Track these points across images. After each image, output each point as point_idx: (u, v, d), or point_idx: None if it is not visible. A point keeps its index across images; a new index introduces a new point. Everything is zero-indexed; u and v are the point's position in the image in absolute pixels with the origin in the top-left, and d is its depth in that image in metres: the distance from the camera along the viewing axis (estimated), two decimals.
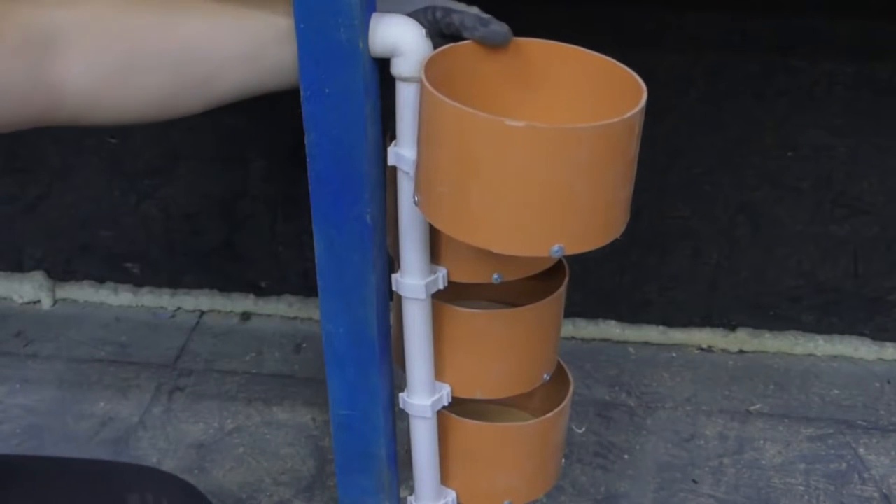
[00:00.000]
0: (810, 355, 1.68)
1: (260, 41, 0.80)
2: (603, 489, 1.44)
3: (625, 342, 1.72)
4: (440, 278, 0.93)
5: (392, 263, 0.96)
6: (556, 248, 0.74)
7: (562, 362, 1.08)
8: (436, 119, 0.75)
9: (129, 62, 0.74)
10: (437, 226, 0.77)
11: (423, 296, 0.92)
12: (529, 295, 1.00)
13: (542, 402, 1.08)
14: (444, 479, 1.04)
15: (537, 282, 1.01)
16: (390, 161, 0.88)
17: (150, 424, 1.56)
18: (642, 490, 1.43)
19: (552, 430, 1.05)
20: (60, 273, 1.82)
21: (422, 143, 0.79)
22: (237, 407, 1.60)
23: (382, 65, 0.83)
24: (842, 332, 1.68)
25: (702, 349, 1.71)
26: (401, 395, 0.98)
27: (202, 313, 1.81)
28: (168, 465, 1.48)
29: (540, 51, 0.84)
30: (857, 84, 1.48)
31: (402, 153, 0.86)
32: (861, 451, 1.50)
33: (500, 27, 0.78)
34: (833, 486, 1.43)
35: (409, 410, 0.98)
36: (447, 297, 0.96)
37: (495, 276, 0.95)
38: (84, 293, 1.83)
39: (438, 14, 0.80)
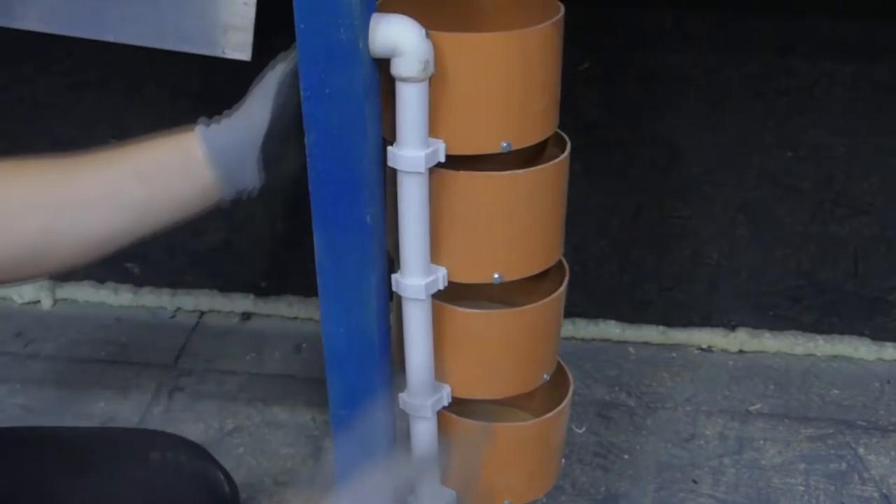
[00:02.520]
0: (810, 355, 1.68)
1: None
2: (603, 489, 1.44)
3: (625, 342, 1.72)
4: (440, 278, 0.94)
5: (392, 263, 0.96)
6: (505, 143, 0.88)
7: (562, 362, 1.08)
8: None
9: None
10: None
11: (423, 296, 0.92)
12: (529, 295, 1.00)
13: (542, 402, 1.08)
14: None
15: (537, 282, 1.01)
16: (390, 161, 0.88)
17: (151, 424, 1.56)
18: (642, 490, 1.43)
19: (552, 430, 1.05)
20: (60, 273, 1.82)
21: None
22: (237, 407, 1.60)
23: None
24: (842, 332, 1.68)
25: (702, 349, 1.71)
26: (401, 395, 0.98)
27: (202, 313, 1.81)
28: None
29: None
30: (857, 84, 1.48)
31: (402, 153, 0.86)
32: (861, 451, 1.50)
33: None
34: (833, 486, 1.43)
35: (409, 410, 0.98)
36: (447, 297, 0.96)
37: (495, 275, 0.95)
38: (84, 293, 1.83)
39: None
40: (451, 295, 0.96)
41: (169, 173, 0.84)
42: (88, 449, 0.96)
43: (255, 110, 0.87)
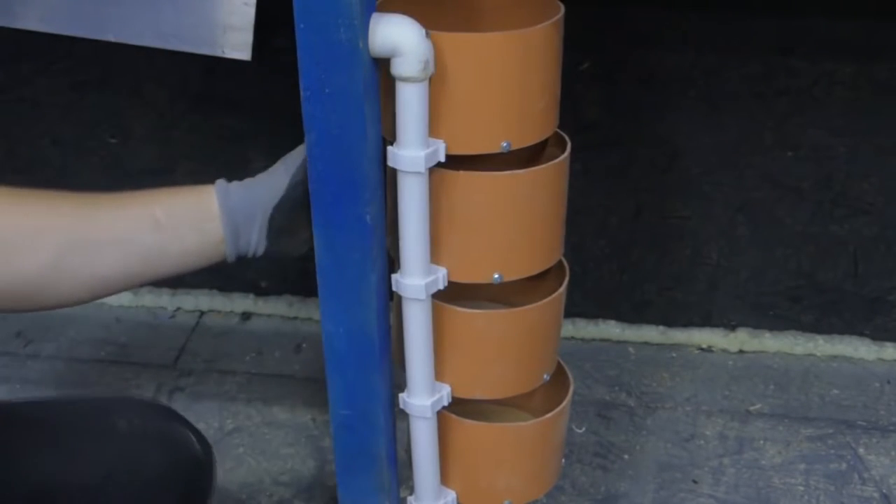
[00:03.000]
0: (810, 355, 1.68)
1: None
2: (603, 489, 1.44)
3: (625, 342, 1.72)
4: (440, 278, 0.93)
5: (392, 263, 0.96)
6: (505, 143, 0.89)
7: (562, 362, 1.08)
8: None
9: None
10: None
11: (423, 296, 0.92)
12: (529, 295, 1.00)
13: (542, 402, 1.08)
14: (444, 479, 1.04)
15: (537, 282, 1.01)
16: (390, 161, 0.88)
17: None
18: (642, 490, 1.43)
19: (552, 430, 1.05)
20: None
21: None
22: (237, 407, 1.60)
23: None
24: (842, 332, 1.68)
25: (702, 349, 1.71)
26: (401, 395, 0.98)
27: (202, 313, 1.81)
28: None
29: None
30: (857, 84, 1.48)
31: (402, 153, 0.86)
32: (861, 451, 1.50)
33: None
34: (833, 486, 1.43)
35: (409, 410, 0.98)
36: (447, 297, 0.96)
37: (495, 275, 0.95)
38: None
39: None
40: (451, 295, 0.96)
41: (182, 224, 0.85)
42: (52, 421, 0.96)
43: (275, 178, 0.90)
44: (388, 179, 0.91)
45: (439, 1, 0.94)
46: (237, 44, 0.92)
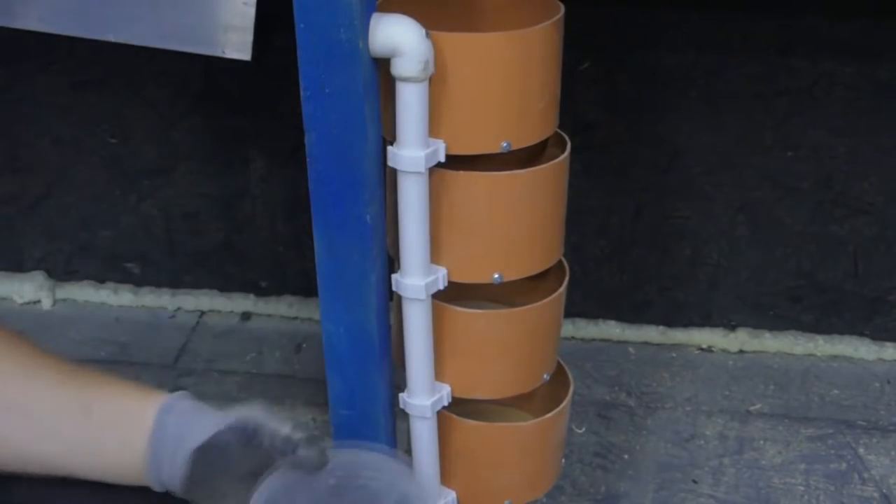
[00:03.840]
0: (810, 355, 1.68)
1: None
2: (603, 489, 1.44)
3: (625, 342, 1.72)
4: (440, 278, 0.93)
5: (392, 263, 0.97)
6: (505, 143, 0.89)
7: (562, 362, 1.08)
8: None
9: None
10: None
11: (423, 296, 0.92)
12: (529, 295, 1.00)
13: (542, 402, 1.08)
14: (445, 479, 1.04)
15: (537, 282, 1.01)
16: (390, 161, 0.88)
17: None
18: (642, 490, 1.43)
19: (552, 430, 1.05)
20: (60, 273, 1.82)
21: None
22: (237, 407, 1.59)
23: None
24: (842, 332, 1.68)
25: (702, 349, 1.71)
26: (401, 395, 0.98)
27: (202, 313, 1.81)
28: None
29: None
30: (857, 84, 1.48)
31: (402, 153, 0.86)
32: (861, 451, 1.50)
33: (310, 452, 0.79)
34: (833, 486, 1.43)
35: (409, 410, 0.98)
36: (447, 297, 0.96)
37: (495, 275, 0.95)
38: (84, 293, 1.83)
39: (249, 432, 0.78)
40: (451, 295, 0.96)
41: (110, 422, 0.76)
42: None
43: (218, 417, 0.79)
44: (388, 179, 0.91)
45: (439, 1, 0.94)
46: (237, 44, 0.92)
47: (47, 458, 0.76)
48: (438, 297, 0.95)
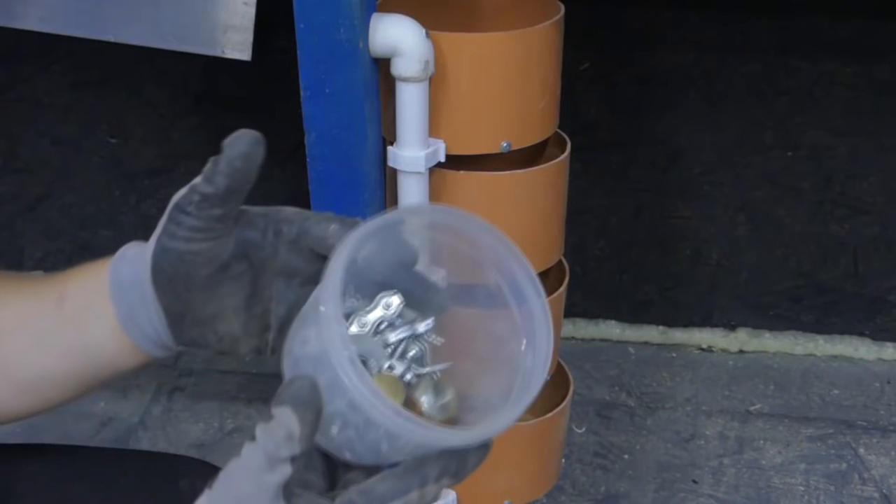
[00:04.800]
0: (810, 355, 1.68)
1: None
2: (603, 489, 1.44)
3: (625, 342, 1.72)
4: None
5: None
6: (505, 143, 0.89)
7: (562, 362, 1.08)
8: None
9: None
10: None
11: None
12: None
13: (542, 402, 1.08)
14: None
15: None
16: (390, 161, 0.88)
17: (150, 424, 1.56)
18: (642, 490, 1.43)
19: (552, 430, 1.05)
20: None
21: None
22: (237, 407, 1.60)
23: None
24: (842, 332, 1.68)
25: (702, 349, 1.71)
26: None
27: None
28: None
29: None
30: (857, 84, 1.48)
31: (402, 153, 0.86)
32: (861, 451, 1.50)
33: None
34: (833, 486, 1.43)
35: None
36: None
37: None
38: None
39: (285, 229, 0.62)
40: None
41: (81, 307, 0.65)
42: (116, 469, 0.89)
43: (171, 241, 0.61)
44: (389, 180, 0.91)
45: (439, 1, 0.94)
46: (237, 44, 0.92)
47: (51, 373, 0.67)
48: None
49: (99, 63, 1.63)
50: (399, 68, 0.82)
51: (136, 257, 0.65)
